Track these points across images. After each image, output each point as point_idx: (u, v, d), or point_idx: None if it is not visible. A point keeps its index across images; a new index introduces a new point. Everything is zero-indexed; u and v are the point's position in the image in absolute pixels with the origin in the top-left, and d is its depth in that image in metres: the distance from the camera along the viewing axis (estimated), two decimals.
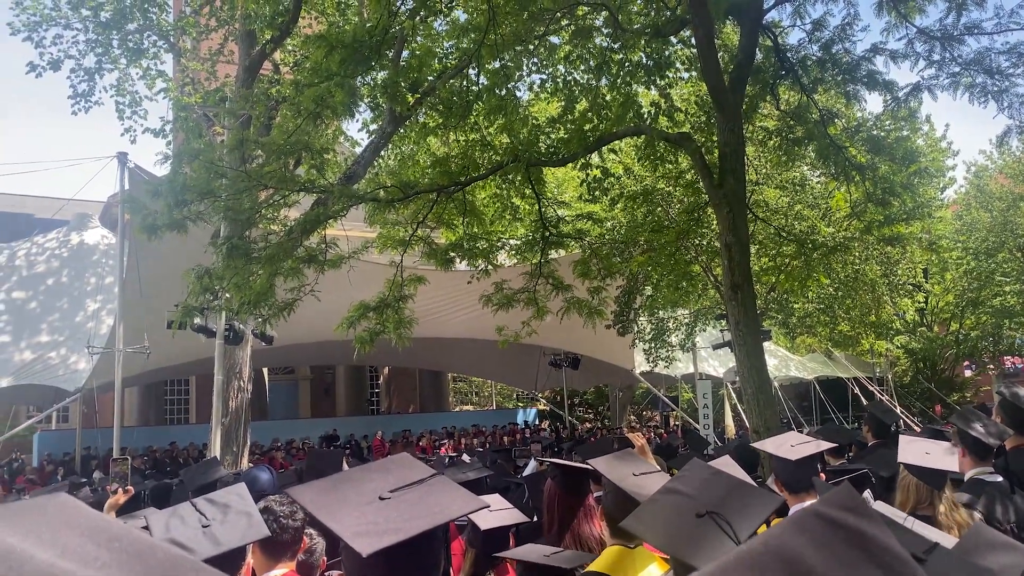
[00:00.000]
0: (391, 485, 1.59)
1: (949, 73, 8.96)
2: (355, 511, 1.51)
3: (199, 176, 8.12)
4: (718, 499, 1.83)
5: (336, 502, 1.54)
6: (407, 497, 1.57)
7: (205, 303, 9.15)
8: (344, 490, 1.58)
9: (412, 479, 1.63)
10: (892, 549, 0.66)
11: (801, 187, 15.25)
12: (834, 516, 0.69)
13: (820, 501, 0.73)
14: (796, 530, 0.67)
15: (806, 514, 0.69)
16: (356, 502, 1.54)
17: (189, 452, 18.81)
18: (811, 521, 0.68)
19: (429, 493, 1.60)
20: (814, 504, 0.72)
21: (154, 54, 14.72)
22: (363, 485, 1.59)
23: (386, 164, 13.70)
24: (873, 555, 0.65)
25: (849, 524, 0.68)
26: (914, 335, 26.46)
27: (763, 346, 8.83)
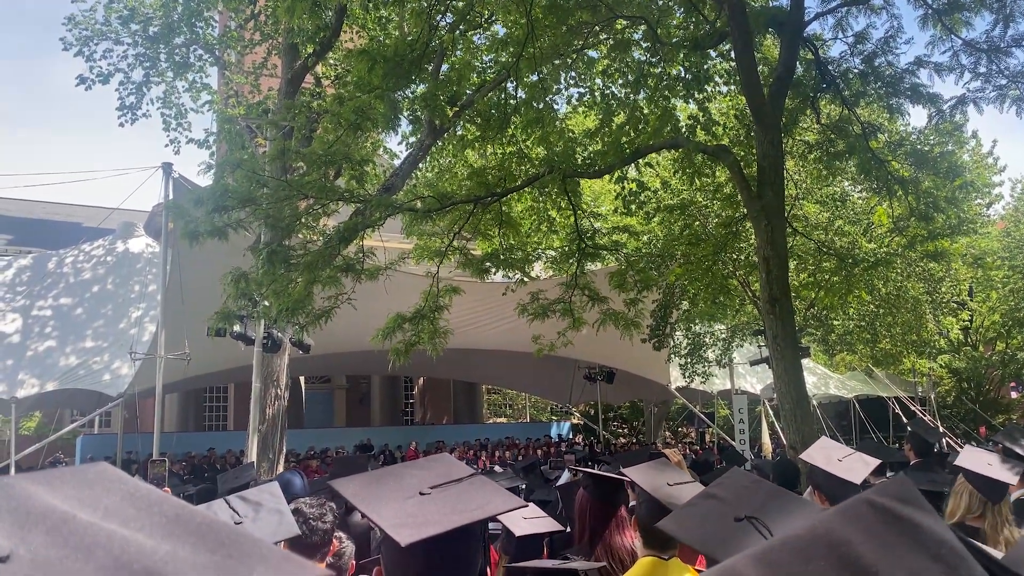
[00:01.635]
0: (432, 482, 1.62)
1: (996, 86, 8.80)
2: (396, 504, 1.53)
3: (241, 185, 8.27)
4: (757, 505, 1.83)
5: (377, 495, 1.57)
6: (447, 494, 1.59)
7: (243, 309, 9.29)
8: (386, 484, 1.61)
9: (452, 477, 1.65)
10: (948, 541, 0.64)
11: (842, 202, 15.03)
12: (887, 505, 0.66)
13: (872, 490, 0.71)
14: (846, 518, 0.65)
15: (857, 501, 0.67)
16: (397, 496, 1.56)
17: (227, 458, 19.04)
18: (863, 509, 0.66)
19: (469, 491, 1.62)
20: (866, 493, 0.70)
21: (200, 67, 15.07)
22: (404, 481, 1.62)
23: (424, 176, 13.82)
24: (927, 547, 0.63)
25: (903, 514, 0.65)
26: (958, 354, 25.84)
27: (801, 362, 8.71)
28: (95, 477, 0.54)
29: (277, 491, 2.34)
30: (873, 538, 0.64)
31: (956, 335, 23.16)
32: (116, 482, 0.54)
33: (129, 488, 0.53)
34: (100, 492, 0.52)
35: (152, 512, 0.52)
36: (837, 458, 3.11)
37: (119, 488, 0.53)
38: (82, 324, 16.91)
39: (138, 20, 13.92)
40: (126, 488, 0.53)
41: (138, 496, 0.53)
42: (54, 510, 0.49)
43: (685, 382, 19.10)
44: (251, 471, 6.43)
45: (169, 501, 0.53)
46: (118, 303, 17.53)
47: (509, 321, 14.53)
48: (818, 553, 0.62)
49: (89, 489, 0.52)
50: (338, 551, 3.12)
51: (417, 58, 8.31)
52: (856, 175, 12.63)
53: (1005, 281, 23.81)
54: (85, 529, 0.49)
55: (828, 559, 0.62)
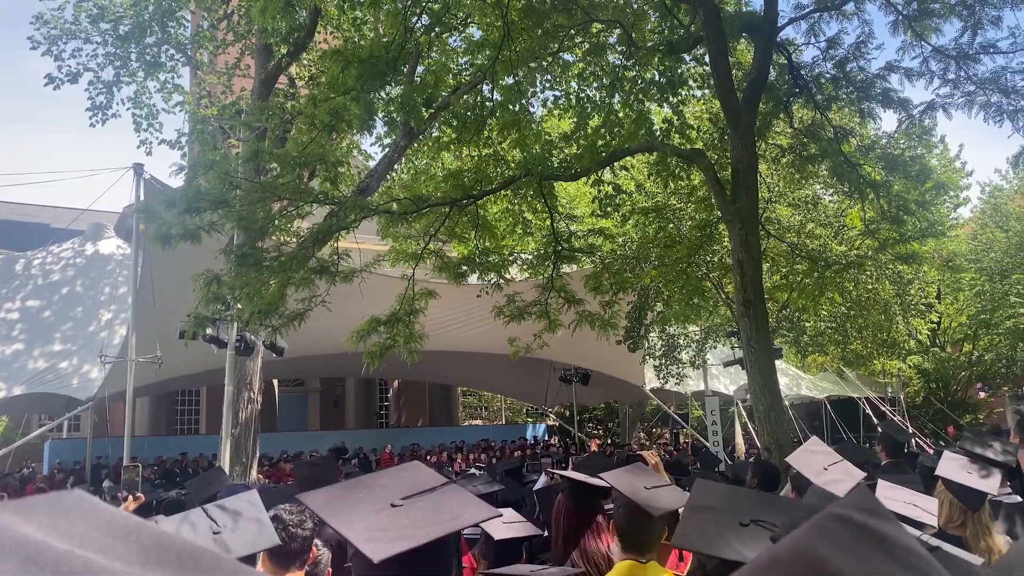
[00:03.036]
0: (403, 492, 1.58)
1: (964, 92, 8.96)
2: (367, 517, 1.50)
3: (214, 186, 8.19)
4: (752, 508, 1.86)
5: (348, 508, 1.53)
6: (419, 504, 1.56)
7: (216, 313, 9.19)
8: (356, 496, 1.58)
9: (425, 486, 1.62)
10: (915, 550, 0.66)
11: (814, 205, 15.21)
12: (853, 517, 0.68)
13: (839, 504, 0.72)
14: (820, 534, 0.66)
15: (825, 517, 0.69)
16: (368, 508, 1.53)
17: (199, 462, 18.83)
18: (831, 524, 0.67)
19: (442, 501, 1.59)
20: (834, 507, 0.71)
21: (171, 67, 14.90)
22: (375, 491, 1.59)
23: (399, 178, 13.77)
24: (897, 557, 0.65)
25: (868, 525, 0.67)
26: (927, 355, 26.25)
27: (775, 364, 8.79)
28: (71, 505, 0.52)
29: (256, 499, 2.31)
30: (846, 552, 0.64)
31: (925, 336, 23.53)
32: (92, 510, 0.52)
33: (106, 516, 0.52)
34: (76, 520, 0.50)
35: (130, 540, 0.50)
36: (823, 466, 3.11)
37: (95, 516, 0.51)
38: (50, 327, 16.65)
39: (108, 19, 13.73)
40: (103, 516, 0.51)
41: (115, 524, 0.51)
42: (28, 540, 0.47)
43: (659, 383, 19.22)
44: (222, 476, 6.36)
45: (147, 528, 0.52)
46: (88, 306, 17.28)
47: (484, 323, 14.51)
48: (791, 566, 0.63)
49: (64, 517, 0.50)
50: (315, 558, 3.10)
51: (392, 60, 8.27)
52: (828, 178, 12.78)
53: (972, 283, 24.22)
54: (60, 559, 0.47)
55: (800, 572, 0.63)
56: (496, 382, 28.89)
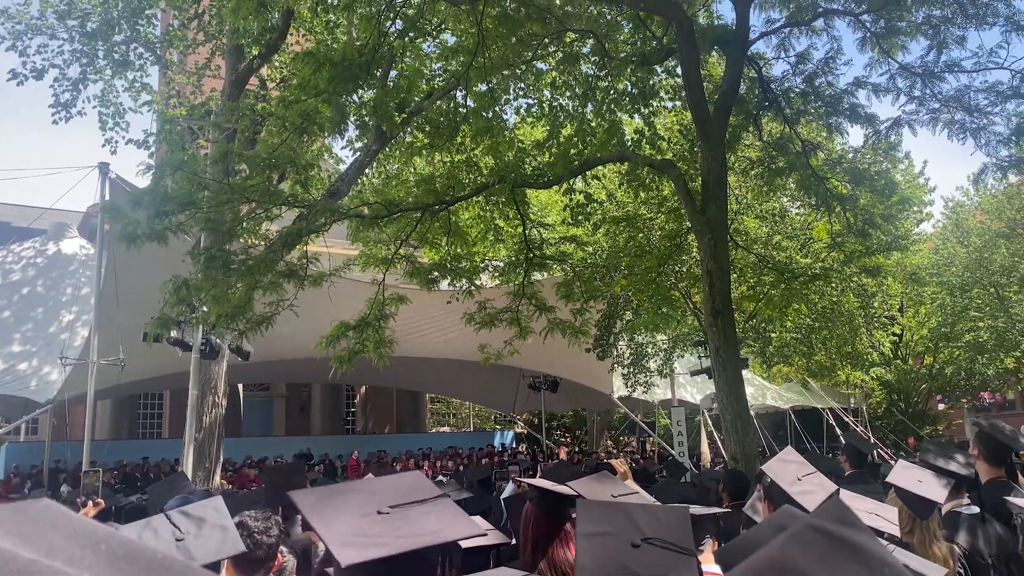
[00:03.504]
0: (394, 501, 1.58)
1: (929, 109, 9.14)
2: (350, 521, 1.51)
3: (181, 187, 8.08)
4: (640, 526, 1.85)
5: (334, 510, 1.54)
6: (406, 515, 1.56)
7: (182, 315, 9.06)
8: (346, 499, 1.58)
9: (416, 497, 1.62)
10: (888, 560, 0.67)
11: (781, 218, 15.41)
12: (830, 529, 0.70)
13: (814, 514, 0.74)
14: (796, 544, 0.68)
15: (804, 527, 0.70)
16: (354, 513, 1.53)
17: (161, 467, 18.53)
18: (808, 535, 0.69)
19: (428, 514, 1.59)
20: (810, 518, 0.72)
21: (140, 66, 14.69)
22: (367, 497, 1.59)
23: (370, 182, 13.71)
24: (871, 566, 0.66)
25: (844, 536, 0.69)
26: (889, 367, 26.69)
27: (742, 374, 8.87)
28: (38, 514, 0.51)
29: (221, 506, 2.27)
30: (824, 563, 0.66)
31: (887, 349, 23.93)
32: (60, 519, 0.50)
33: (74, 525, 0.50)
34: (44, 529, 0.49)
35: (99, 550, 0.48)
36: (797, 476, 3.14)
37: (63, 525, 0.50)
38: (9, 327, 16.30)
39: (75, 15, 13.50)
40: (71, 525, 0.50)
41: (84, 533, 0.50)
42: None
43: (627, 391, 19.30)
44: (185, 482, 6.25)
45: (116, 537, 0.50)
46: (48, 306, 16.95)
47: (454, 330, 14.48)
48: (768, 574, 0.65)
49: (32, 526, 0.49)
50: (281, 565, 3.05)
51: (365, 63, 8.22)
52: (796, 191, 12.95)
53: (933, 297, 24.68)
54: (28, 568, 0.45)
55: None
56: (465, 389, 28.82)
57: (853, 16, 9.01)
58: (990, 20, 8.15)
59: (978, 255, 23.18)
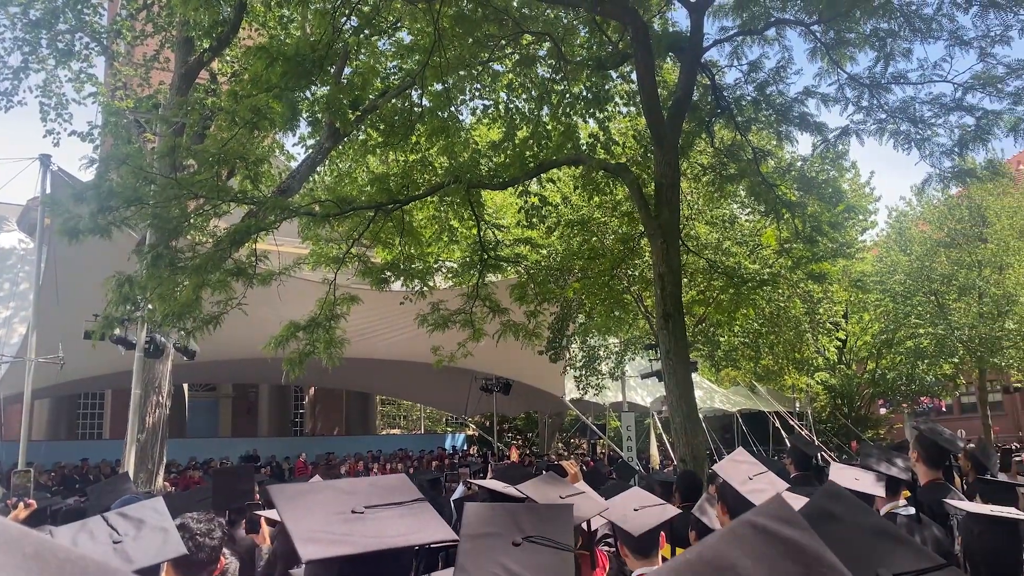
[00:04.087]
0: (372, 501, 1.58)
1: (876, 119, 9.37)
2: (322, 518, 1.50)
3: (126, 182, 7.86)
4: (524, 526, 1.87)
5: (308, 506, 1.53)
6: (379, 515, 1.55)
7: (126, 314, 8.81)
8: (324, 497, 1.58)
9: (395, 500, 1.61)
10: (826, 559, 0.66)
11: (731, 224, 15.66)
12: (769, 526, 0.68)
13: (754, 511, 0.72)
14: (732, 541, 0.66)
15: (741, 524, 0.69)
16: (328, 510, 1.53)
17: (101, 469, 18.02)
18: (746, 532, 0.68)
19: (403, 516, 1.59)
20: (748, 514, 0.71)
21: (85, 56, 14.27)
22: (345, 496, 1.58)
23: (322, 180, 13.53)
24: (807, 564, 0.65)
25: (782, 534, 0.67)
26: (833, 372, 27.30)
27: (692, 377, 8.96)
28: None
29: (162, 507, 2.19)
30: (757, 560, 0.65)
31: (832, 354, 24.47)
32: None
33: None
34: None
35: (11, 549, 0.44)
36: (748, 476, 3.17)
37: None
38: None
39: (17, 2, 13.06)
40: None
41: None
42: None
43: (579, 394, 19.40)
44: (126, 483, 6.07)
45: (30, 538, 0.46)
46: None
47: (406, 331, 14.36)
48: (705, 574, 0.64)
49: None
50: (223, 568, 2.97)
51: (319, 59, 8.11)
52: (746, 198, 13.16)
53: (877, 304, 25.33)
54: None
55: None
56: (416, 391, 28.66)
57: (804, 26, 9.19)
58: (935, 34, 8.38)
59: (920, 263, 23.86)
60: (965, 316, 22.74)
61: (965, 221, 23.80)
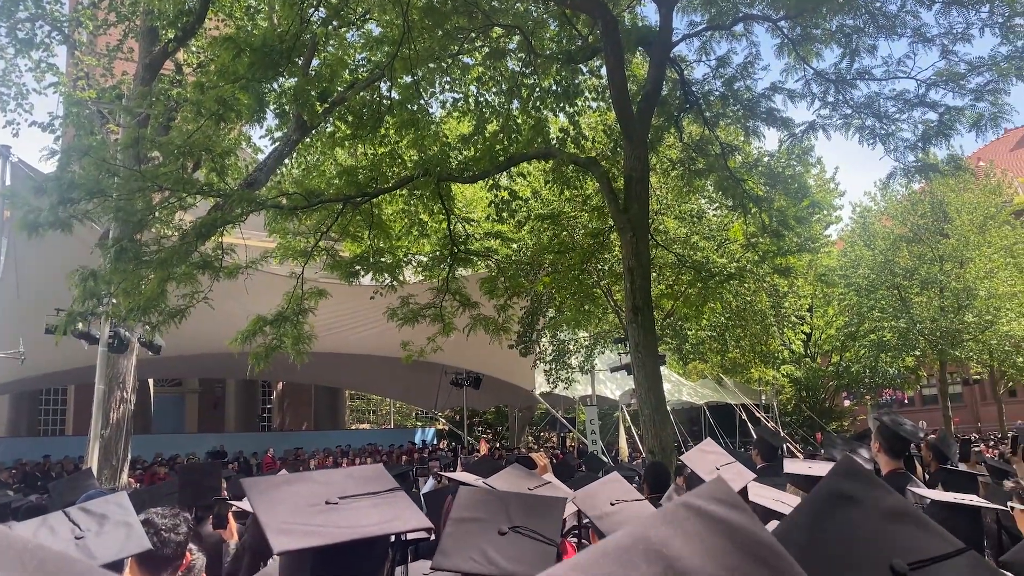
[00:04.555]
0: (346, 492, 1.55)
1: (842, 114, 9.50)
2: (296, 510, 1.47)
3: (89, 174, 7.71)
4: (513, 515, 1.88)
5: (281, 498, 1.50)
6: (354, 506, 1.53)
7: (91, 309, 8.66)
8: (297, 489, 1.54)
9: (370, 489, 1.58)
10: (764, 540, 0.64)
11: (699, 219, 15.78)
12: (703, 507, 0.66)
13: (690, 493, 0.70)
14: (665, 521, 0.65)
15: (676, 505, 0.67)
16: (301, 502, 1.50)
17: (64, 466, 17.70)
18: (680, 512, 0.66)
19: (377, 506, 1.56)
20: (685, 496, 0.70)
21: (46, 46, 13.96)
22: (319, 488, 1.55)
23: (290, 173, 13.38)
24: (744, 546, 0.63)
25: (719, 515, 0.66)
26: (799, 365, 27.67)
27: (660, 370, 9.03)
28: None
29: (125, 502, 2.15)
30: (691, 541, 0.63)
31: (798, 347, 24.83)
32: None
33: None
34: None
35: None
36: (716, 466, 3.21)
37: None
38: None
39: None
40: None
41: None
42: None
43: (549, 388, 19.46)
44: (90, 480, 5.97)
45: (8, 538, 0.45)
46: None
47: (376, 325, 14.29)
48: (637, 558, 0.61)
49: None
50: (189, 564, 2.94)
51: (286, 50, 8.02)
52: (714, 193, 13.26)
53: (841, 298, 25.71)
54: None
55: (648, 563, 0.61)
56: (385, 385, 28.53)
57: (771, 22, 9.27)
58: (899, 31, 8.52)
59: (883, 258, 24.26)
60: (927, 310, 23.18)
61: (927, 216, 24.24)
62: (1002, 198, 26.15)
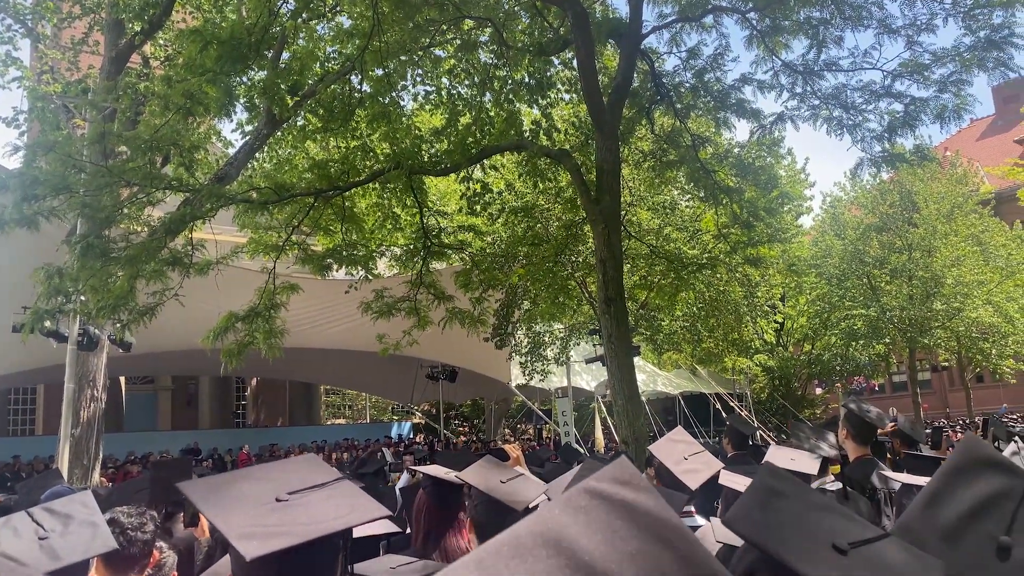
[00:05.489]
0: (291, 487, 1.49)
1: (810, 106, 9.59)
2: (247, 511, 1.41)
3: (54, 169, 7.58)
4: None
5: (229, 500, 1.44)
6: (305, 500, 1.47)
7: (57, 306, 8.53)
8: (240, 488, 1.48)
9: (315, 482, 1.53)
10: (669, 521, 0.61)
11: (671, 210, 15.87)
12: (605, 490, 0.62)
13: (592, 476, 0.66)
14: (564, 508, 0.61)
15: (576, 490, 0.63)
16: (250, 502, 1.43)
17: (34, 466, 17.46)
18: (581, 498, 0.62)
19: (330, 498, 1.51)
20: (586, 480, 0.65)
21: (8, 39, 13.70)
22: (262, 484, 1.49)
23: (261, 167, 13.26)
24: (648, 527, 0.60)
25: (621, 497, 0.62)
26: (772, 354, 27.94)
27: (633, 360, 9.08)
28: None
29: (91, 501, 2.13)
30: (593, 526, 0.59)
31: (771, 336, 25.06)
32: None
33: None
34: None
35: None
36: (684, 455, 3.21)
37: None
38: None
39: None
40: None
41: None
42: None
43: (525, 380, 19.50)
44: (57, 478, 5.90)
45: None
46: None
47: (350, 319, 14.23)
48: (535, 549, 0.58)
49: None
50: (159, 562, 2.92)
51: (255, 43, 7.94)
52: (686, 184, 13.34)
53: (812, 287, 25.99)
54: None
55: (547, 553, 0.57)
56: (361, 380, 28.43)
57: (740, 14, 9.34)
58: (864, 22, 8.61)
59: (853, 247, 24.55)
60: (896, 298, 23.50)
61: (896, 206, 24.55)
62: (968, 187, 26.58)
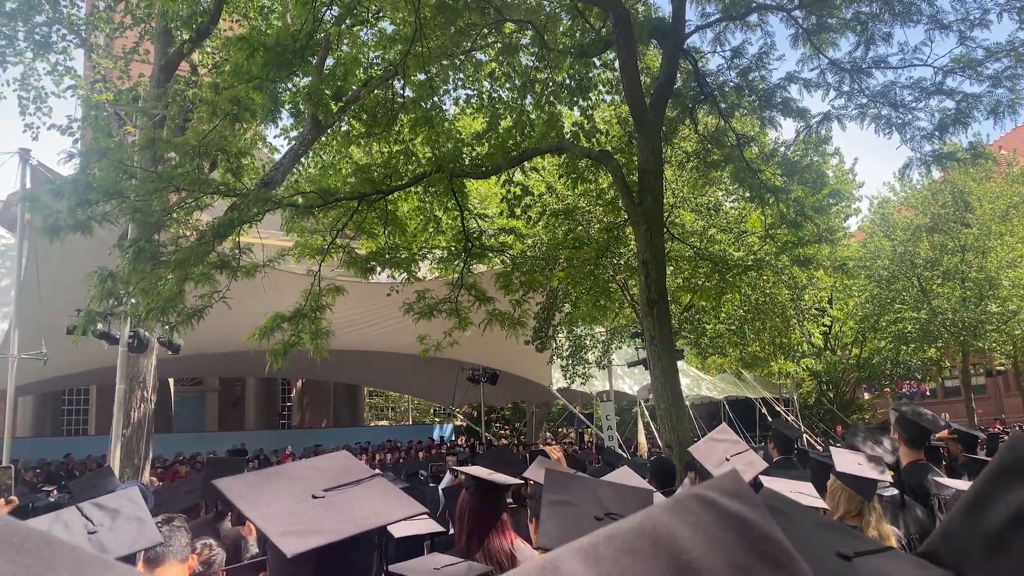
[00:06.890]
0: (327, 484, 1.51)
1: (857, 104, 9.41)
2: (285, 509, 1.42)
3: (107, 176, 7.79)
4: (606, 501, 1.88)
5: (266, 498, 1.45)
6: (341, 497, 1.48)
7: (109, 309, 8.75)
8: (277, 486, 1.49)
9: (350, 478, 1.54)
10: (774, 537, 0.63)
11: (715, 212, 15.68)
12: (716, 499, 0.64)
13: (703, 484, 0.69)
14: (674, 511, 0.63)
15: (686, 496, 0.65)
16: (287, 499, 1.45)
17: (87, 465, 17.92)
18: (691, 503, 0.64)
19: (365, 495, 1.52)
20: (697, 487, 0.68)
21: (63, 49, 14.11)
22: (297, 482, 1.50)
23: (306, 171, 13.45)
24: (753, 542, 0.62)
25: (730, 509, 0.64)
26: (819, 358, 27.45)
27: (677, 364, 8.99)
28: None
29: (137, 497, 2.17)
30: (699, 533, 0.61)
31: (818, 340, 24.62)
32: None
33: None
34: None
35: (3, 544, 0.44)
36: (726, 456, 3.15)
37: None
38: None
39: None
40: None
41: None
42: None
43: (566, 383, 19.44)
44: (110, 477, 6.04)
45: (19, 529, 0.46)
46: None
47: (393, 322, 14.34)
48: (643, 547, 0.60)
49: None
50: (208, 559, 2.97)
51: (300, 49, 8.05)
52: (730, 184, 13.17)
53: (861, 289, 25.47)
54: None
55: (653, 553, 0.59)
56: (403, 382, 28.63)
57: (786, 12, 9.19)
58: (914, 18, 8.42)
59: (903, 248, 24.01)
60: (948, 300, 22.91)
61: (948, 206, 23.94)
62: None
